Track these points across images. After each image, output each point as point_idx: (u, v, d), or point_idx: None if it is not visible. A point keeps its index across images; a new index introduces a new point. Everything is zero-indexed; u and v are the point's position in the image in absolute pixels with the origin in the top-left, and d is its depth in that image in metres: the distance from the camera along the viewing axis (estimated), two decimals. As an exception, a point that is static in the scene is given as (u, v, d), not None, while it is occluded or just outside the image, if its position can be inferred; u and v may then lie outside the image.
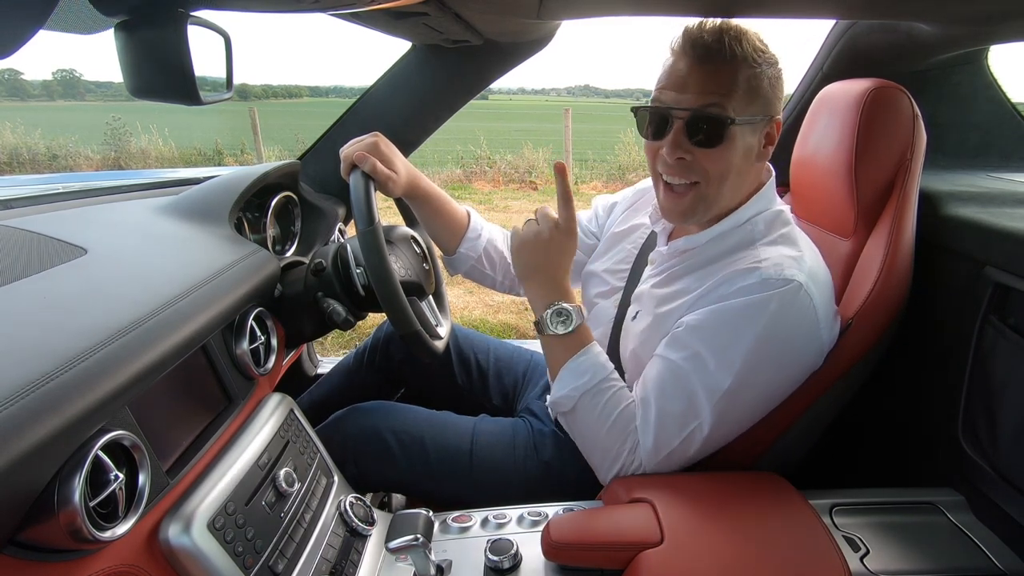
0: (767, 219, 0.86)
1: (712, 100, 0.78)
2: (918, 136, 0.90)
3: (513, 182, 8.42)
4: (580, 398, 0.86)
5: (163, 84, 0.61)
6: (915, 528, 0.80)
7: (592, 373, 0.86)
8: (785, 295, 0.77)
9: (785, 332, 0.78)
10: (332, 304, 0.96)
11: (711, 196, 0.84)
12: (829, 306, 0.83)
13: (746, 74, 0.79)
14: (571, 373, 0.87)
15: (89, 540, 0.49)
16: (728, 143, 0.80)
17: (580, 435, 0.88)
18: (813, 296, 0.79)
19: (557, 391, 0.88)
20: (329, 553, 0.75)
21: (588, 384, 0.86)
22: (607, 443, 0.84)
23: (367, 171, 0.91)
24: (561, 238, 0.89)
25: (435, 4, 0.90)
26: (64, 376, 0.49)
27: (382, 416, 1.04)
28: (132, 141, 10.11)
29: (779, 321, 0.77)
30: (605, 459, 0.85)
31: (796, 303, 0.78)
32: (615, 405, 0.85)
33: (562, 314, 0.87)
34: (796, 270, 0.78)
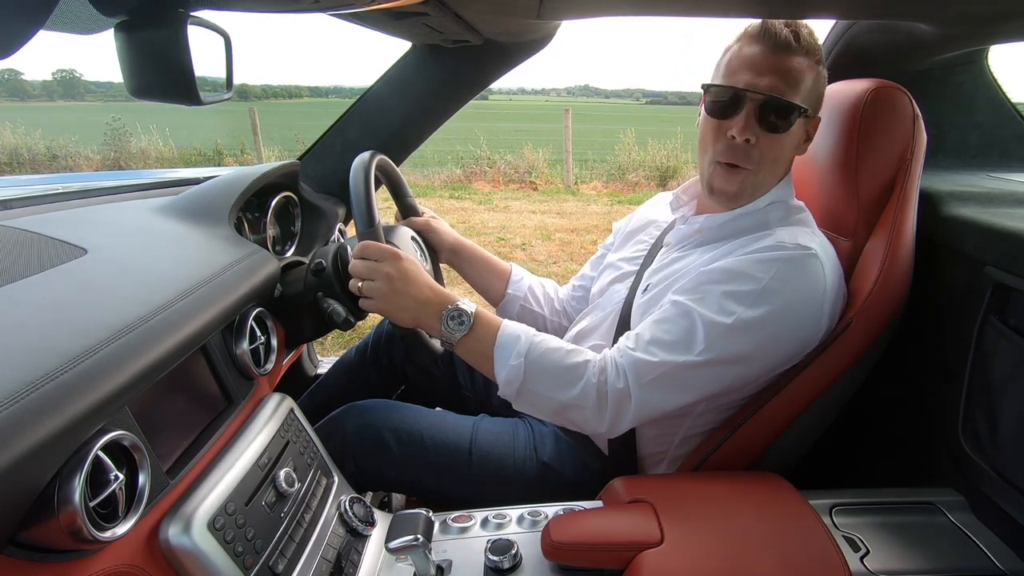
0: (785, 207, 0.90)
1: (785, 87, 0.81)
2: (918, 136, 0.90)
3: (513, 182, 8.42)
4: (527, 356, 0.82)
5: (163, 84, 0.61)
6: (915, 528, 0.80)
7: (522, 332, 0.85)
8: (797, 257, 0.80)
9: (792, 292, 0.79)
10: (332, 304, 0.96)
11: (759, 182, 0.87)
12: (837, 289, 0.84)
13: (813, 69, 0.84)
14: (503, 348, 0.84)
15: (89, 540, 0.49)
16: (790, 131, 0.84)
17: (543, 396, 0.83)
18: (825, 267, 0.81)
19: (501, 371, 0.83)
20: (329, 553, 0.75)
21: (525, 343, 0.83)
22: (577, 382, 0.81)
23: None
24: (397, 265, 0.85)
25: (435, 4, 0.90)
26: (64, 376, 0.49)
27: (381, 414, 1.04)
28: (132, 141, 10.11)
29: (788, 279, 0.79)
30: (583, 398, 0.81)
31: (807, 266, 0.80)
32: (558, 342, 0.85)
33: (454, 315, 0.85)
34: (811, 242, 0.82)
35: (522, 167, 8.60)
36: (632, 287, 1.00)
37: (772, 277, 0.78)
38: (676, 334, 0.80)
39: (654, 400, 0.81)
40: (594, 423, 0.83)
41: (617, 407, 0.81)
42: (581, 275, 1.25)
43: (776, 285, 0.78)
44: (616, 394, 0.81)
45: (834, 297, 0.83)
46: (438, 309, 0.85)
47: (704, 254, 0.89)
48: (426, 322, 0.86)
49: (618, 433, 0.85)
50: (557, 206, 6.94)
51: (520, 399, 0.85)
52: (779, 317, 0.79)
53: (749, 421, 0.85)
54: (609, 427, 0.83)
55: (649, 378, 0.80)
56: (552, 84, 42.28)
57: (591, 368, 0.82)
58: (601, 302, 1.08)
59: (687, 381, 0.80)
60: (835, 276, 0.84)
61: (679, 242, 0.96)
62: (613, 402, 0.81)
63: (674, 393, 0.81)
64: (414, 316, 0.86)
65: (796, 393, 0.84)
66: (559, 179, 8.62)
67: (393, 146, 1.33)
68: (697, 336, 0.79)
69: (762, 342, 0.80)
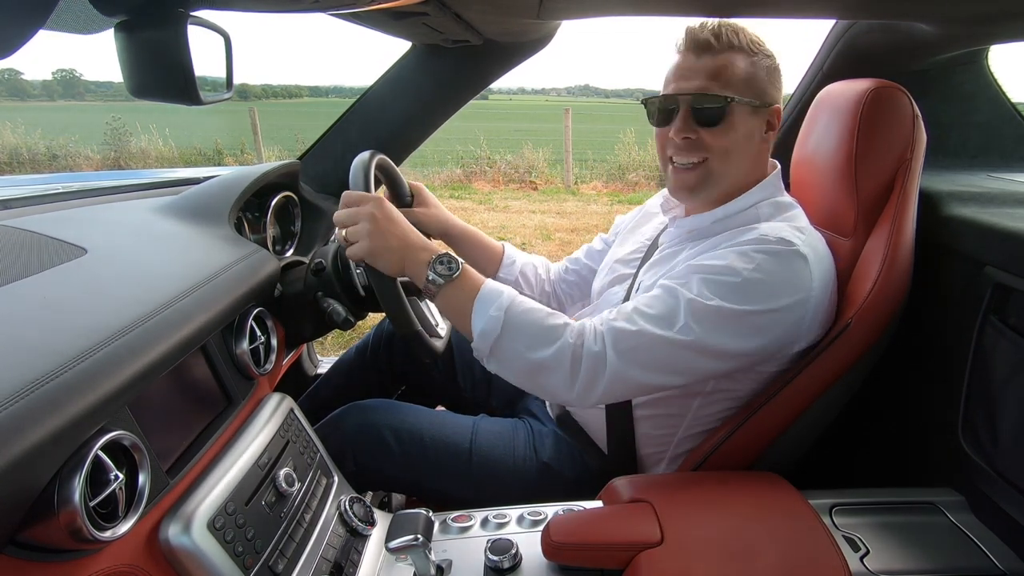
0: (772, 204, 0.90)
1: (712, 84, 0.85)
2: (918, 136, 0.90)
3: (513, 182, 8.42)
4: (507, 311, 0.80)
5: (163, 84, 0.61)
6: (915, 528, 0.80)
7: (505, 289, 0.83)
8: (779, 252, 0.80)
9: (772, 286, 0.79)
10: (332, 304, 0.96)
11: (718, 171, 0.88)
12: (824, 291, 0.83)
13: (743, 62, 0.86)
14: (484, 300, 0.82)
15: (89, 540, 0.49)
16: (729, 122, 0.86)
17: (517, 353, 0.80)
18: (811, 265, 0.80)
19: (479, 322, 0.81)
20: (329, 553, 0.75)
21: (507, 299, 0.82)
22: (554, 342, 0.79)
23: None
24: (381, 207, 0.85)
25: (435, 4, 0.90)
26: (64, 376, 0.49)
27: (381, 414, 1.04)
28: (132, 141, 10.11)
29: (769, 273, 0.79)
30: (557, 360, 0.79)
31: (789, 262, 0.80)
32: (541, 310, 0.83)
33: (443, 261, 0.83)
34: (796, 238, 0.81)
35: (522, 167, 8.59)
36: (628, 289, 1.00)
37: (753, 270, 0.78)
38: (659, 308, 0.80)
39: (628, 371, 0.78)
40: (564, 388, 0.80)
41: (591, 373, 0.79)
42: (575, 259, 1.25)
43: (757, 278, 0.78)
44: (591, 358, 0.79)
45: (820, 299, 0.82)
46: (426, 255, 0.84)
47: (693, 248, 0.91)
48: (412, 265, 0.84)
49: (587, 404, 0.82)
50: (557, 206, 6.94)
51: (493, 356, 0.82)
52: (759, 312, 0.78)
53: (749, 421, 0.85)
54: (579, 394, 0.80)
55: (625, 346, 0.78)
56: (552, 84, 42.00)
57: (569, 330, 0.81)
58: (599, 303, 1.08)
59: (663, 358, 0.79)
60: (823, 278, 0.83)
61: (671, 242, 0.97)
62: (587, 367, 0.79)
63: (649, 369, 0.79)
64: (400, 258, 0.83)
65: (796, 393, 0.84)
66: (559, 179, 8.62)
67: (393, 146, 1.33)
68: (679, 314, 0.78)
69: (740, 334, 0.79)
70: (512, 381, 0.84)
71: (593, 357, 0.79)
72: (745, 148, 0.89)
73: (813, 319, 0.82)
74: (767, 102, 0.88)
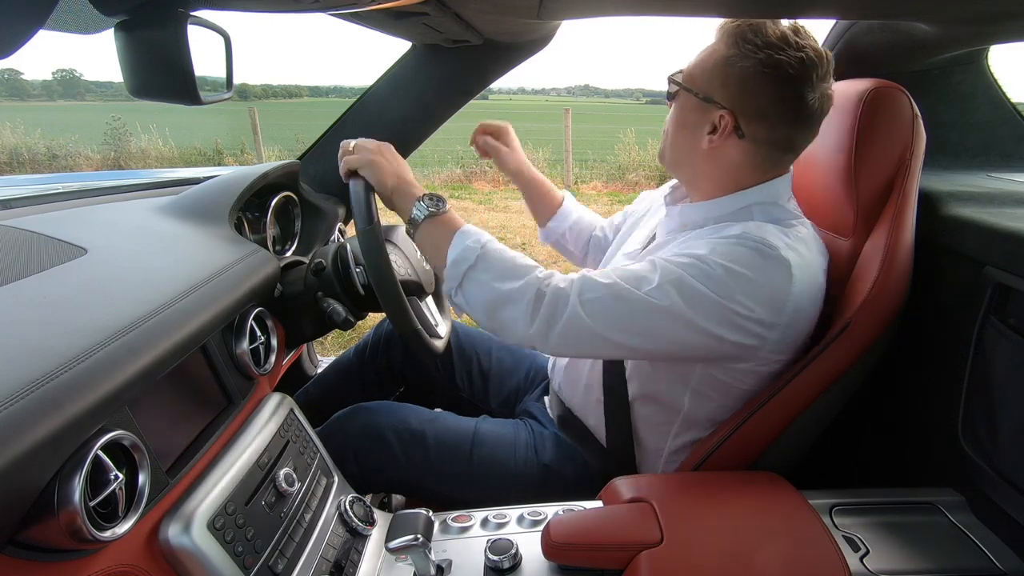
0: (767, 209, 0.87)
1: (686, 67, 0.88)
2: (917, 136, 0.90)
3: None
4: (484, 246, 0.82)
5: (163, 84, 0.61)
6: (915, 528, 0.80)
7: (484, 232, 0.85)
8: (762, 251, 0.77)
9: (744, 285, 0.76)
10: (332, 304, 0.96)
11: (668, 154, 0.93)
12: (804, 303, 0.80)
13: (720, 53, 0.83)
14: (464, 234, 0.84)
15: (89, 540, 0.49)
16: (677, 105, 0.89)
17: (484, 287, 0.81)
18: (792, 273, 0.77)
19: (454, 250, 0.83)
20: (329, 553, 0.75)
21: (486, 237, 0.84)
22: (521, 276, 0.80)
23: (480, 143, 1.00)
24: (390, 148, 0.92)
25: (435, 4, 0.90)
26: (64, 376, 0.49)
27: (384, 415, 1.04)
28: (132, 141, 10.10)
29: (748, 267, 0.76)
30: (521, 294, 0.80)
31: (771, 262, 0.77)
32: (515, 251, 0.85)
33: (432, 198, 0.87)
34: (782, 244, 0.78)
35: (522, 167, 8.58)
36: None
37: (730, 262, 0.76)
38: (636, 271, 0.80)
39: (587, 319, 0.77)
40: (524, 323, 0.79)
41: (551, 310, 0.78)
42: (601, 227, 1.27)
43: (734, 270, 0.76)
44: (554, 296, 0.79)
45: (798, 308, 0.79)
46: (417, 191, 0.88)
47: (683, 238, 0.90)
48: (401, 196, 0.88)
49: (544, 346, 0.80)
50: (557, 206, 6.92)
51: (461, 288, 0.83)
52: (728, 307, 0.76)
53: (748, 421, 0.85)
54: (536, 332, 0.79)
55: (592, 295, 0.78)
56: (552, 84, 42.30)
57: (539, 270, 0.82)
58: None
59: (625, 314, 0.77)
60: (808, 291, 0.80)
61: (665, 233, 0.97)
62: (549, 303, 0.78)
63: (609, 322, 0.77)
64: (393, 184, 0.88)
65: (795, 393, 0.84)
66: (559, 179, 8.61)
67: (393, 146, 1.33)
68: (656, 278, 0.77)
69: (710, 315, 0.77)
70: (476, 317, 0.84)
71: (556, 294, 0.79)
72: (682, 137, 0.88)
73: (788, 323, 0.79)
74: (710, 99, 0.83)
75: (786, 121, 0.82)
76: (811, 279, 0.81)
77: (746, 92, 0.81)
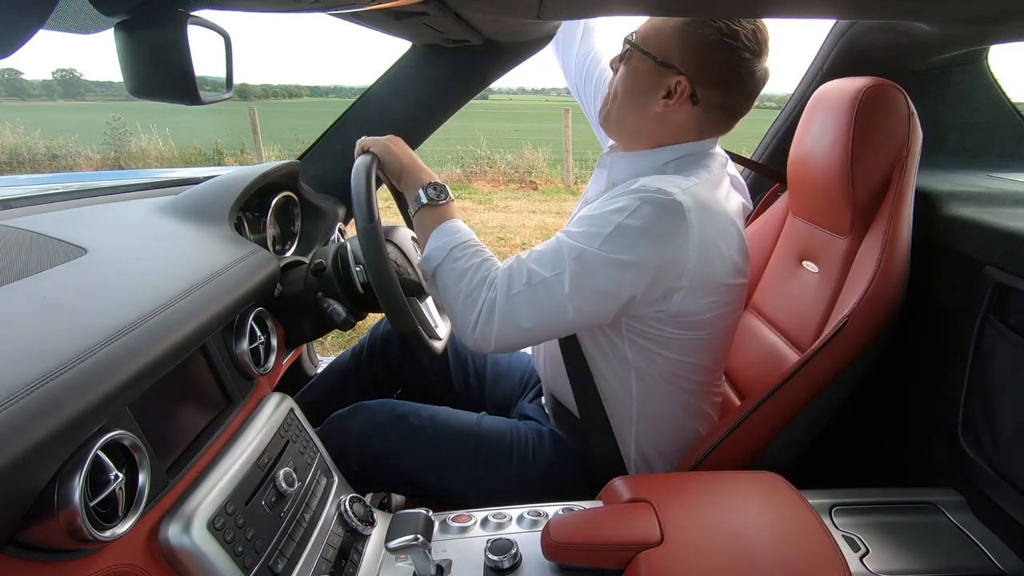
0: (682, 164, 0.89)
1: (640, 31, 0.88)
2: (914, 133, 0.90)
3: (513, 182, 8.42)
4: (450, 251, 0.86)
5: (163, 84, 0.61)
6: (915, 528, 0.80)
7: (463, 233, 0.89)
8: (655, 201, 0.78)
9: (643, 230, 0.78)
10: (332, 304, 0.96)
11: (613, 115, 0.92)
12: (713, 244, 0.81)
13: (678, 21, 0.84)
14: (442, 232, 0.88)
15: (89, 540, 0.49)
16: (628, 67, 0.89)
17: (445, 285, 0.87)
18: (690, 216, 0.78)
19: (429, 247, 0.88)
20: (329, 553, 0.75)
21: (461, 238, 0.88)
22: (471, 284, 0.84)
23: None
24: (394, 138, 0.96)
25: (435, 4, 0.90)
26: (64, 376, 0.49)
27: (385, 414, 1.04)
28: (132, 141, 10.11)
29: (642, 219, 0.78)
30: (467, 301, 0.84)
31: (664, 212, 0.78)
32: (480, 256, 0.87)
33: (436, 188, 0.92)
34: (675, 188, 0.79)
35: (522, 167, 8.59)
36: None
37: (626, 217, 0.79)
38: (544, 254, 0.83)
39: (516, 314, 0.82)
40: (470, 326, 0.84)
41: (487, 314, 0.83)
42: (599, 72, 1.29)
43: (628, 225, 0.78)
44: (489, 302, 0.83)
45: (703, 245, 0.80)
46: (426, 177, 0.93)
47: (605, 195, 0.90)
48: (410, 180, 0.93)
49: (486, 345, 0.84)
50: (557, 206, 6.94)
51: (432, 281, 0.89)
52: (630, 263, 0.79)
53: (746, 420, 0.85)
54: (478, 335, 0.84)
55: (516, 290, 0.82)
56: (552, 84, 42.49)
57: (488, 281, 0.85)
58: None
59: (546, 300, 0.81)
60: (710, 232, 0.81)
61: (593, 193, 0.98)
62: (485, 309, 0.83)
63: (535, 312, 0.81)
64: (404, 168, 0.93)
65: (793, 391, 0.84)
66: (559, 179, 8.62)
67: None
68: (563, 259, 0.80)
69: (615, 282, 0.80)
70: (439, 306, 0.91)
71: (490, 302, 0.83)
72: (634, 99, 0.89)
73: (696, 269, 0.81)
74: (668, 63, 0.84)
75: (737, 90, 0.86)
76: (714, 219, 0.82)
77: (704, 59, 0.83)
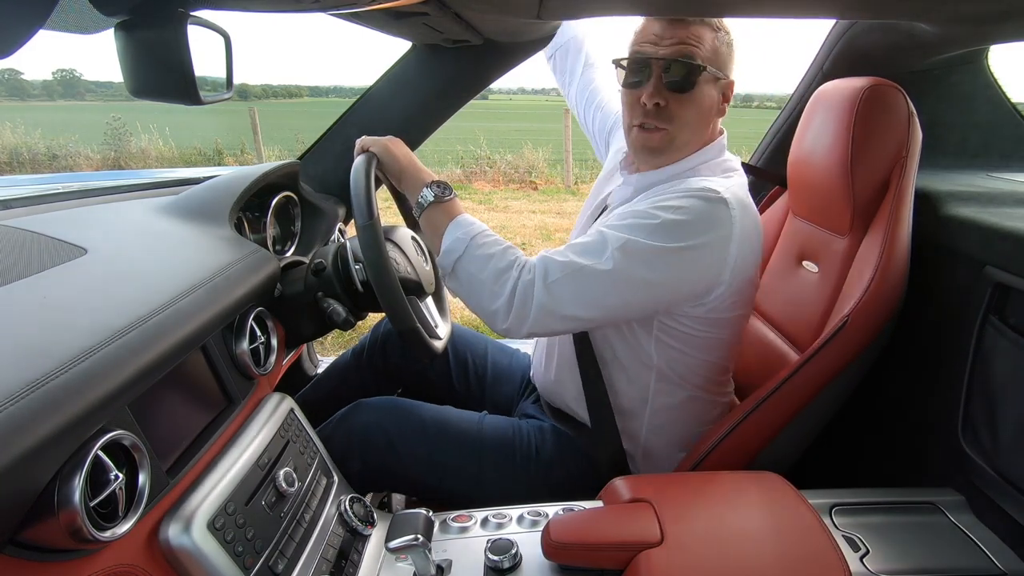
0: (712, 166, 0.94)
1: (685, 50, 0.88)
2: (913, 133, 0.90)
3: (513, 182, 8.42)
4: (471, 240, 0.88)
5: (163, 84, 0.61)
6: (915, 528, 0.80)
7: (478, 224, 0.91)
8: (702, 195, 0.84)
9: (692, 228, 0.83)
10: (332, 304, 0.96)
11: (679, 140, 0.92)
12: (748, 241, 0.87)
13: (710, 34, 0.90)
14: (457, 225, 0.90)
15: (89, 540, 0.49)
16: (697, 90, 0.89)
17: (470, 275, 0.88)
18: (734, 212, 0.84)
19: (447, 241, 0.89)
20: (329, 553, 0.75)
21: (476, 228, 0.90)
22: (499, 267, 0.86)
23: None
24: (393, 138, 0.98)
25: (435, 4, 0.90)
26: (64, 376, 0.49)
27: (387, 412, 1.04)
28: (132, 141, 10.10)
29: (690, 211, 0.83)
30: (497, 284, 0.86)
31: (711, 205, 0.84)
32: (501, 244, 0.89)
33: (440, 185, 0.93)
34: (720, 187, 0.85)
35: (522, 167, 8.59)
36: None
37: (673, 211, 0.83)
38: (588, 245, 0.86)
39: (555, 301, 0.84)
40: (502, 314, 0.86)
41: (522, 301, 0.85)
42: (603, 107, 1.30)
43: (675, 219, 0.83)
44: (524, 288, 0.85)
45: (741, 243, 0.85)
46: (427, 177, 0.94)
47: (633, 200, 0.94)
48: (411, 182, 0.95)
49: (520, 332, 0.87)
50: (557, 206, 6.94)
51: (453, 275, 0.90)
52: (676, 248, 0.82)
53: (746, 419, 0.85)
54: (513, 321, 0.86)
55: (553, 277, 0.84)
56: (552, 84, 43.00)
57: (517, 263, 0.87)
58: None
59: (589, 288, 0.84)
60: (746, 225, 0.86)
61: (618, 201, 0.99)
62: (520, 296, 0.85)
63: (573, 298, 0.84)
64: (403, 170, 0.95)
65: (793, 391, 0.84)
66: (559, 179, 8.61)
67: None
68: (607, 248, 0.83)
69: (657, 267, 0.83)
70: (464, 301, 0.91)
71: (525, 287, 0.85)
72: (706, 118, 0.93)
73: (735, 264, 0.85)
74: (726, 74, 0.93)
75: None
76: (752, 215, 0.89)
77: (732, 61, 0.93)
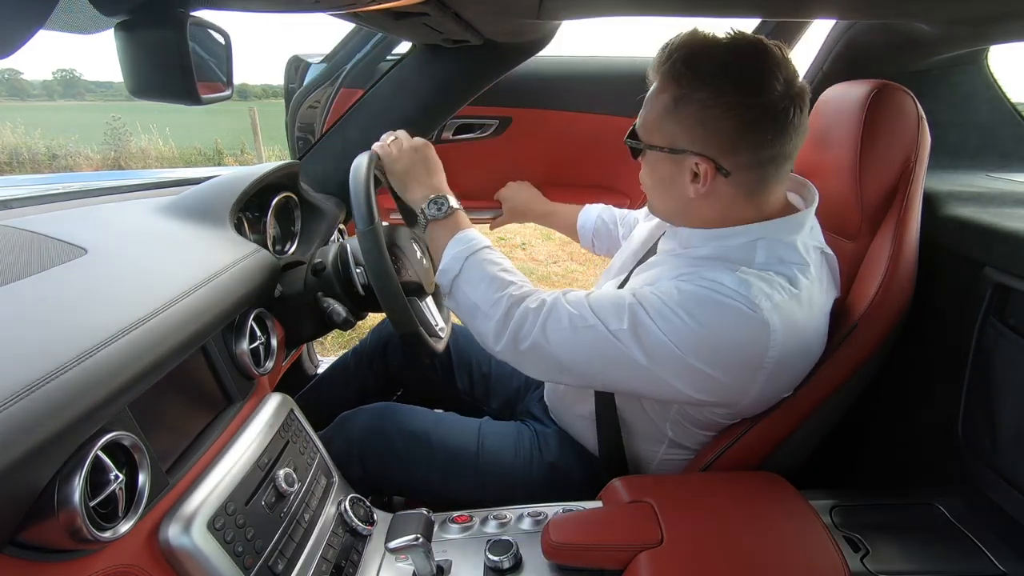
0: (772, 250, 0.78)
1: (642, 120, 0.82)
2: (922, 138, 0.90)
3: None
4: (470, 256, 0.87)
5: (163, 84, 0.61)
6: (915, 528, 0.80)
7: (477, 240, 0.90)
8: (743, 313, 0.72)
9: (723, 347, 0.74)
10: (332, 304, 0.96)
11: (655, 207, 0.89)
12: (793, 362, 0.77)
13: (671, 95, 0.76)
14: (457, 242, 0.89)
15: (89, 540, 0.49)
16: (644, 161, 0.85)
17: (466, 296, 0.86)
18: (773, 337, 0.72)
19: (445, 258, 0.89)
20: (329, 553, 0.75)
21: (476, 246, 0.89)
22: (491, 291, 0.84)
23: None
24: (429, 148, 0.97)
25: (435, 4, 0.90)
26: (64, 376, 0.49)
27: (388, 416, 1.04)
28: (132, 141, 10.10)
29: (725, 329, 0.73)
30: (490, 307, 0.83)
31: (751, 324, 0.72)
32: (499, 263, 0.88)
33: (438, 202, 0.93)
34: (766, 302, 0.72)
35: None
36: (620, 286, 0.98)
37: (705, 321, 0.73)
38: (607, 303, 0.78)
39: (548, 347, 0.79)
40: (493, 337, 0.84)
41: (516, 332, 0.81)
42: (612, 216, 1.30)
43: (707, 333, 0.73)
44: (521, 316, 0.81)
45: (779, 367, 0.75)
46: (430, 192, 0.94)
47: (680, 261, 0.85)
48: (414, 194, 0.95)
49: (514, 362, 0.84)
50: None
51: (450, 294, 0.90)
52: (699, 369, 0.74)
53: (756, 426, 0.84)
54: (503, 348, 0.83)
55: (555, 324, 0.79)
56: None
57: (515, 288, 0.85)
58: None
59: (586, 350, 0.78)
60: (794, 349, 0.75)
61: (664, 251, 0.92)
62: (515, 324, 0.81)
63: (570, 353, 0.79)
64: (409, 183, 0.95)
65: (802, 397, 0.83)
66: (559, 179, 8.59)
67: None
68: (623, 317, 0.76)
69: (675, 373, 0.75)
70: (461, 321, 0.91)
71: (523, 316, 0.81)
72: (665, 192, 0.83)
73: (766, 384, 0.77)
74: (678, 148, 0.77)
75: (763, 140, 0.74)
76: (801, 336, 0.76)
77: (709, 130, 0.75)
